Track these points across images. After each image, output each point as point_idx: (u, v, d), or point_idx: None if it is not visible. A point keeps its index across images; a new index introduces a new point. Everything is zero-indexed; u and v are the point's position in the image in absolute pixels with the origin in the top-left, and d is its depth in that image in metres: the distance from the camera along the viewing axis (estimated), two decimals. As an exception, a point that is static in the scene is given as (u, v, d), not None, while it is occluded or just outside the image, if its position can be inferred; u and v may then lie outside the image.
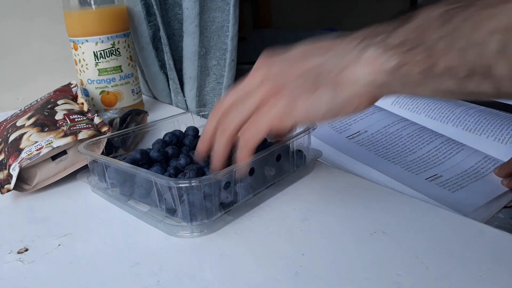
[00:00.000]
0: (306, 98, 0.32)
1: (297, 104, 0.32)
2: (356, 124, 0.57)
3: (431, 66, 0.25)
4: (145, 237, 0.36)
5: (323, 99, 0.31)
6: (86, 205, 0.42)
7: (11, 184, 0.43)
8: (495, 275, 0.28)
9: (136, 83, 0.70)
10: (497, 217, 0.40)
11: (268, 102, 0.34)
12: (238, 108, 0.35)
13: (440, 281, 0.28)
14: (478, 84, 0.24)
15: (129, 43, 0.67)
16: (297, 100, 0.32)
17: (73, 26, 0.64)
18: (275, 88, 0.33)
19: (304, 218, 0.37)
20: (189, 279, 0.30)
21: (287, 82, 0.33)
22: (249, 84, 0.36)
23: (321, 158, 0.48)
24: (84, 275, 0.31)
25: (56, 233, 0.37)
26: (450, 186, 0.43)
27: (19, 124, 0.52)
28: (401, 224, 0.35)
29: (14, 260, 0.34)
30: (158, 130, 0.51)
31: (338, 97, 0.31)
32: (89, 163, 0.43)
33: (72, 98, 0.60)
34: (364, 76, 0.29)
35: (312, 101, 0.32)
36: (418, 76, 0.26)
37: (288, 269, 0.30)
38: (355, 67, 0.29)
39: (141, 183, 0.38)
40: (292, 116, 0.33)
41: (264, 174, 0.41)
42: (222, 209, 0.37)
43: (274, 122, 0.33)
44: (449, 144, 0.51)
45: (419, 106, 0.60)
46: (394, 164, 0.48)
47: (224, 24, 0.64)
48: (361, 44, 0.30)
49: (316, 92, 0.31)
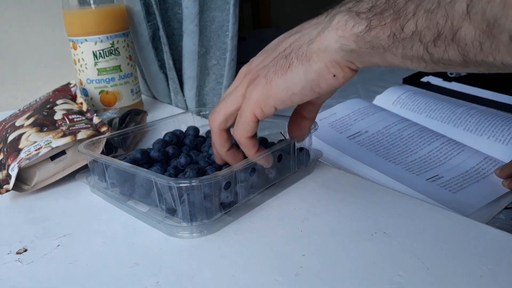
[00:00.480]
0: (280, 76, 0.32)
1: (272, 84, 0.32)
2: (356, 124, 0.57)
3: (399, 30, 0.25)
4: (144, 237, 0.36)
5: (296, 75, 0.31)
6: (85, 206, 0.42)
7: (10, 184, 0.43)
8: (496, 276, 0.28)
9: (136, 83, 0.70)
10: (498, 218, 0.39)
11: (249, 89, 0.34)
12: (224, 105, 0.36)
13: (441, 282, 0.28)
14: (445, 49, 0.24)
15: (128, 43, 0.67)
16: (272, 80, 0.32)
17: (72, 26, 0.64)
18: (253, 75, 0.34)
19: (304, 219, 0.37)
20: (189, 280, 0.30)
21: (263, 67, 0.34)
22: (234, 84, 0.37)
23: (321, 158, 0.48)
24: (83, 276, 0.31)
25: (55, 234, 0.37)
26: (451, 187, 0.43)
27: (18, 124, 0.52)
28: (402, 225, 0.35)
29: (13, 260, 0.34)
30: (158, 130, 0.51)
31: (311, 69, 0.30)
32: (89, 163, 0.42)
33: (71, 98, 0.60)
34: (333, 42, 0.29)
35: (286, 78, 0.31)
36: (387, 40, 0.26)
37: (289, 270, 0.30)
38: (324, 35, 0.30)
39: (141, 183, 0.38)
40: (271, 97, 0.32)
41: (265, 174, 0.40)
42: (222, 209, 0.37)
43: (255, 109, 0.33)
44: (450, 144, 0.51)
45: (420, 107, 0.60)
46: (395, 164, 0.48)
47: (224, 24, 0.63)
48: (330, 14, 0.30)
49: (290, 68, 0.31)
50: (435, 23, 0.24)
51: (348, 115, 0.59)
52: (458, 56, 0.24)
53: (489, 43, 0.22)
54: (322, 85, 0.31)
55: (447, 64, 0.25)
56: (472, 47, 0.23)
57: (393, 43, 0.26)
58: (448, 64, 0.25)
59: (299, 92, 0.32)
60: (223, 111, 0.36)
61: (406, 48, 0.26)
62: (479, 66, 0.24)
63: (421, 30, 0.24)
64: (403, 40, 0.26)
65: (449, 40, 0.24)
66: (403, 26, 0.25)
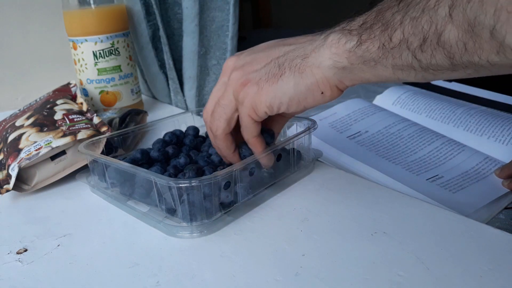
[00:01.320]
0: (271, 84, 0.33)
1: (263, 92, 0.33)
2: (357, 124, 0.57)
3: (387, 40, 0.27)
4: (144, 237, 0.36)
5: (287, 85, 0.32)
6: (85, 206, 0.42)
7: (10, 184, 0.43)
8: (496, 276, 0.28)
9: (136, 83, 0.70)
10: (498, 218, 0.39)
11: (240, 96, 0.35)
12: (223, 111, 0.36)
13: (440, 282, 0.28)
14: (432, 54, 0.25)
15: (128, 43, 0.67)
16: (263, 87, 0.33)
17: (72, 26, 0.64)
18: (244, 80, 0.34)
19: (304, 218, 0.37)
20: (189, 280, 0.30)
21: (254, 72, 0.34)
22: (221, 80, 0.37)
23: (321, 158, 0.48)
24: (84, 276, 0.31)
25: (56, 234, 0.37)
26: (451, 187, 0.43)
27: (18, 124, 0.52)
28: (402, 225, 0.35)
29: (13, 260, 0.34)
30: (158, 129, 0.51)
31: (302, 82, 0.32)
32: (89, 163, 0.42)
33: (71, 98, 0.60)
34: (327, 59, 0.30)
35: (277, 87, 0.33)
36: (377, 52, 0.27)
37: (289, 270, 0.30)
38: (318, 52, 0.31)
39: (141, 183, 0.38)
40: (262, 103, 0.34)
41: (265, 174, 0.40)
42: (222, 209, 0.37)
43: (250, 113, 0.35)
44: (450, 144, 0.51)
45: (420, 107, 0.60)
46: (395, 164, 0.48)
47: (224, 24, 0.63)
48: (325, 33, 0.32)
49: (281, 78, 0.32)
50: (420, 28, 0.25)
51: (348, 115, 0.59)
52: (445, 60, 0.25)
53: (472, 42, 0.23)
54: (309, 99, 0.32)
55: (436, 69, 0.26)
56: (457, 48, 0.24)
57: (383, 54, 0.27)
58: (437, 69, 0.26)
59: (285, 102, 0.33)
60: (224, 117, 0.37)
61: (396, 57, 0.27)
62: (466, 68, 0.25)
63: (407, 37, 0.25)
64: (392, 49, 0.27)
65: (434, 44, 0.24)
66: (391, 36, 0.26)
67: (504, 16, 0.21)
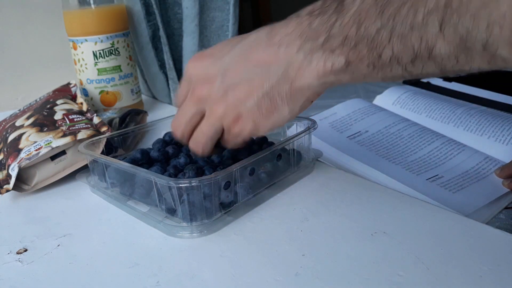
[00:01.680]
0: (268, 118, 0.33)
1: (260, 126, 0.34)
2: (357, 124, 0.57)
3: (376, 58, 0.26)
4: (144, 237, 0.36)
5: (283, 114, 0.33)
6: (85, 206, 0.42)
7: (10, 184, 0.43)
8: (496, 276, 0.28)
9: (136, 83, 0.70)
10: (498, 218, 0.39)
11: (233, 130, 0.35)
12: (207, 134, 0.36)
13: (440, 282, 0.28)
14: (423, 67, 0.25)
15: (128, 43, 0.67)
16: (260, 122, 0.34)
17: (72, 26, 0.64)
18: (235, 116, 0.34)
19: (304, 218, 0.37)
20: (189, 280, 0.30)
21: (241, 104, 0.33)
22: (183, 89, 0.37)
23: (321, 158, 0.48)
24: (84, 276, 0.31)
25: (56, 234, 0.37)
26: (451, 187, 0.43)
27: (18, 124, 0.52)
28: (402, 225, 0.35)
29: (13, 260, 0.34)
30: (158, 129, 0.51)
31: (296, 107, 0.33)
32: (89, 163, 0.42)
33: (71, 98, 0.60)
34: (315, 81, 0.30)
35: (273, 119, 0.33)
36: (366, 69, 0.28)
37: (289, 270, 0.30)
38: (304, 74, 0.30)
39: (141, 183, 0.38)
40: (261, 132, 0.35)
41: (264, 174, 0.40)
42: (222, 209, 0.37)
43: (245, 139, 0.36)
44: (450, 144, 0.51)
45: (420, 107, 0.60)
46: (395, 164, 0.48)
47: (224, 24, 0.63)
48: (303, 48, 0.30)
49: (276, 110, 0.33)
50: (411, 45, 0.25)
51: (348, 115, 0.59)
52: (435, 70, 0.25)
53: (464, 56, 0.23)
54: (300, 111, 0.34)
55: (425, 76, 0.27)
56: (448, 61, 0.24)
57: (373, 70, 0.27)
58: (427, 75, 0.26)
59: (282, 124, 0.34)
60: (210, 143, 0.37)
61: (386, 71, 0.27)
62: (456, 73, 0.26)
63: (397, 54, 0.25)
64: (382, 66, 0.27)
65: (425, 58, 0.25)
66: (380, 54, 0.26)
67: (497, 30, 0.21)
